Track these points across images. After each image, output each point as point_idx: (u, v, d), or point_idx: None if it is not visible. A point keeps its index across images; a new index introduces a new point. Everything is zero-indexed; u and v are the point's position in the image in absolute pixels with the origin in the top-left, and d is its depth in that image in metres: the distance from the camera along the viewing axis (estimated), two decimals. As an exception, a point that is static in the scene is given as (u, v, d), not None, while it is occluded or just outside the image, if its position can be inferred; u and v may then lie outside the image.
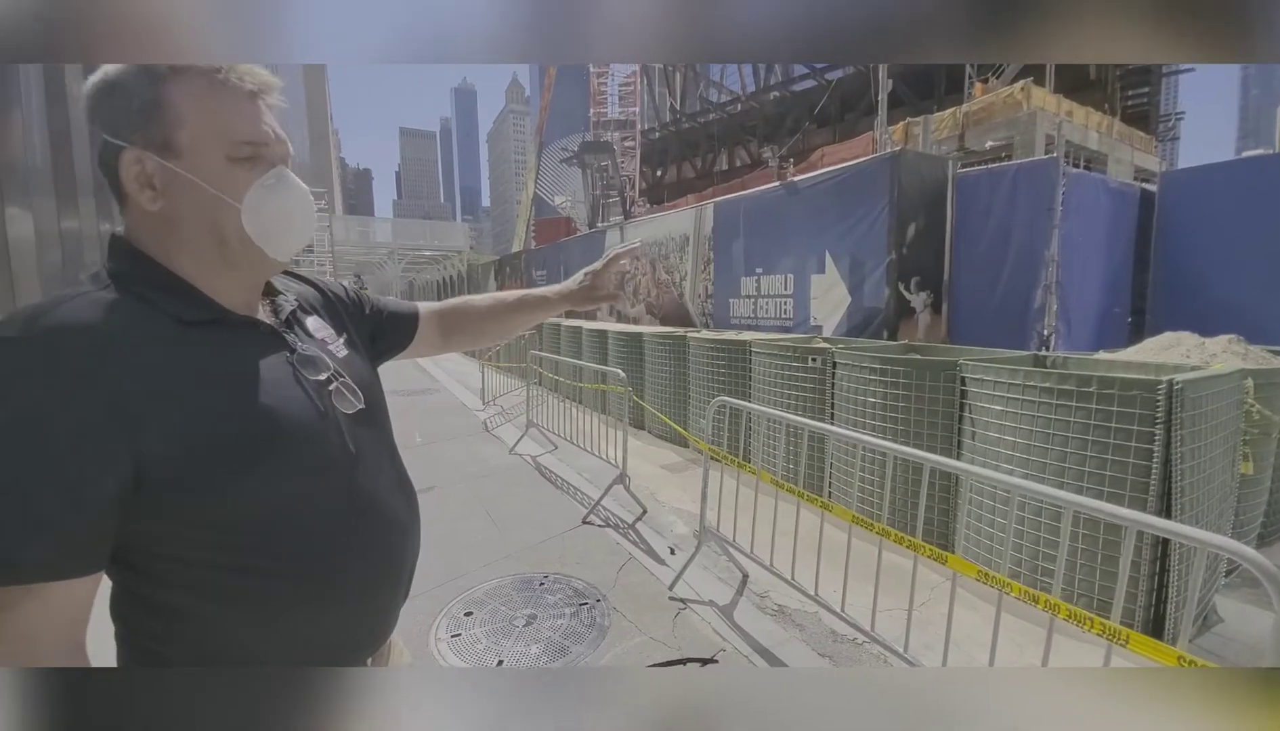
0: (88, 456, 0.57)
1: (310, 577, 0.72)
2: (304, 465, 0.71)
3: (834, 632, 2.55)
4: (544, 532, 3.65)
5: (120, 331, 0.62)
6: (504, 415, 7.23)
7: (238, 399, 0.68)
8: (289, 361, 0.75)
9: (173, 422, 0.62)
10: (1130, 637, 1.40)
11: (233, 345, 0.71)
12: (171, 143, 0.67)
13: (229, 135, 0.68)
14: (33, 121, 3.80)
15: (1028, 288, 5.91)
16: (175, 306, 0.67)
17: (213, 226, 0.69)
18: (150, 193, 0.67)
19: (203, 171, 0.68)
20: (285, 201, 0.73)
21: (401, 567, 0.83)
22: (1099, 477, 2.51)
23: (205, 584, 0.66)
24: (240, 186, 0.69)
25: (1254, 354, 3.52)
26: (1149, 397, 2.39)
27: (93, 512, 0.58)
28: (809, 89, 23.32)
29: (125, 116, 0.66)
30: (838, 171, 6.77)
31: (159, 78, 0.66)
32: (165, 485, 0.61)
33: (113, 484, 0.58)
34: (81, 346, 0.59)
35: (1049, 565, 2.60)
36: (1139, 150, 15.49)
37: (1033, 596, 1.64)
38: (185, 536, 0.64)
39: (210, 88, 0.68)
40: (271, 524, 0.68)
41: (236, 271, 0.73)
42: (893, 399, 3.46)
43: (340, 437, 0.76)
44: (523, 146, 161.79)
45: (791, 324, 7.21)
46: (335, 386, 0.79)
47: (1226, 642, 2.48)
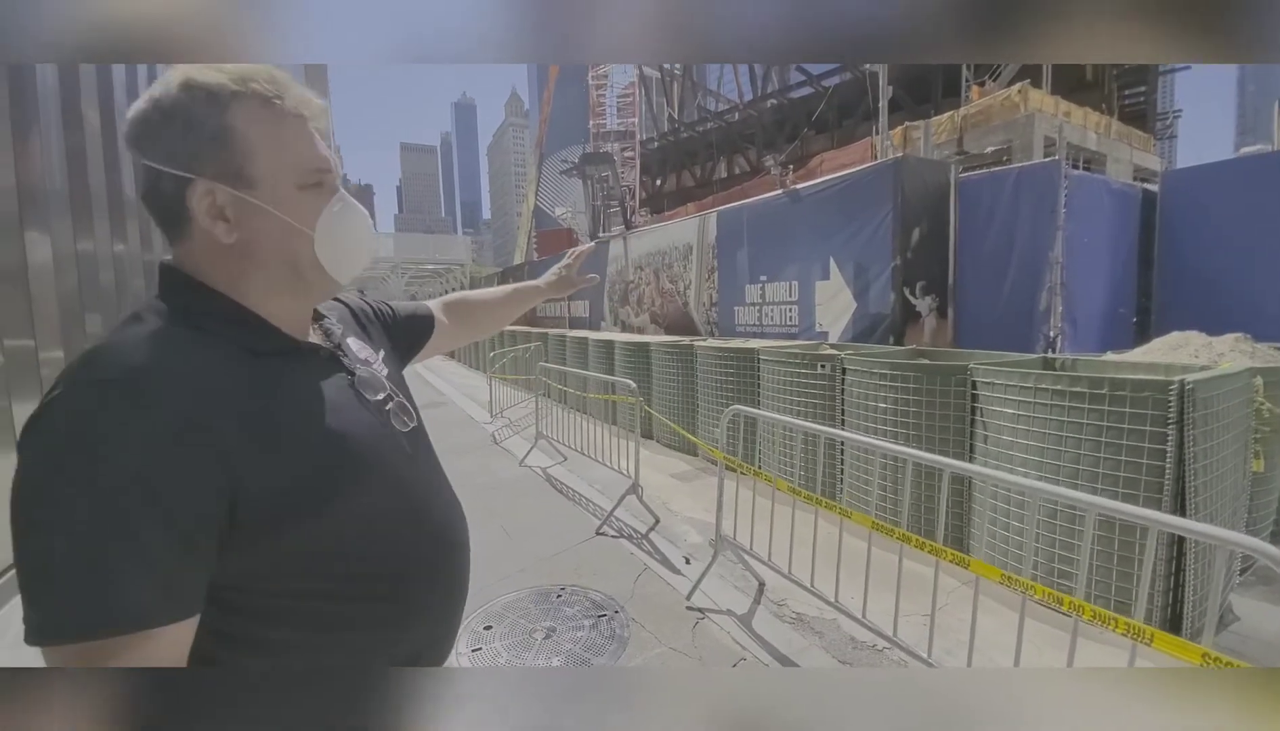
0: (192, 497, 0.57)
1: (392, 598, 0.73)
2: (378, 487, 0.72)
3: (853, 639, 2.56)
4: (558, 544, 3.67)
5: (204, 368, 0.62)
6: (512, 427, 7.26)
7: (318, 427, 0.69)
8: (351, 385, 0.77)
9: (263, 456, 0.62)
10: (1155, 636, 1.42)
11: (302, 373, 0.72)
12: (245, 173, 0.66)
13: (298, 163, 0.69)
14: (51, 142, 3.86)
15: (1032, 290, 5.94)
16: (246, 338, 0.68)
17: (287, 255, 0.70)
18: (224, 224, 0.67)
19: (276, 201, 0.68)
20: (353, 225, 0.74)
21: (465, 580, 0.86)
22: (1113, 479, 2.53)
23: (292, 613, 0.66)
24: (310, 213, 0.70)
25: (1261, 351, 3.54)
26: (1161, 398, 2.41)
27: (200, 554, 0.58)
28: (806, 96, 23.46)
29: (192, 147, 0.64)
30: (841, 178, 6.82)
31: (223, 107, 0.65)
32: (258, 519, 0.61)
33: (214, 523, 0.58)
34: (173, 386, 0.58)
35: (1066, 567, 2.61)
36: (1138, 149, 15.54)
37: (1056, 598, 1.66)
38: (274, 568, 0.64)
39: (273, 116, 0.68)
40: (353, 549, 0.69)
41: (303, 298, 0.75)
42: (904, 404, 3.48)
43: (404, 456, 0.78)
44: (522, 159, 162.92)
45: (797, 330, 7.24)
46: (391, 406, 0.81)
47: (1244, 640, 2.48)
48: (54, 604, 0.52)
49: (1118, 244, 6.73)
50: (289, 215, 0.69)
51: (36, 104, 3.66)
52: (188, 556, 0.57)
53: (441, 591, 0.80)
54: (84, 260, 4.29)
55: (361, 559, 0.70)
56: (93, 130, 4.56)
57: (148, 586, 0.54)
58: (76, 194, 4.16)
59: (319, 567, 0.66)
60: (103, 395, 0.55)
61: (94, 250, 4.47)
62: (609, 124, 29.07)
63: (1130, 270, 6.93)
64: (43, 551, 0.53)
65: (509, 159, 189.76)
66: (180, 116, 0.64)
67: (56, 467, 0.53)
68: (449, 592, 0.82)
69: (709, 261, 8.91)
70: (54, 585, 0.52)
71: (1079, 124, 13.80)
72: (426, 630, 0.78)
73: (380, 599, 0.71)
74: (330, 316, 0.85)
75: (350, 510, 0.68)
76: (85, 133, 4.33)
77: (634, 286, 11.14)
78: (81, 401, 0.55)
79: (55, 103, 3.79)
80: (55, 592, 0.52)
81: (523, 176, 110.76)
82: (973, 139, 13.54)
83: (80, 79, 4.00)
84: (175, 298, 0.67)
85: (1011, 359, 3.66)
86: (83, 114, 4.27)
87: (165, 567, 0.55)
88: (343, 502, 0.67)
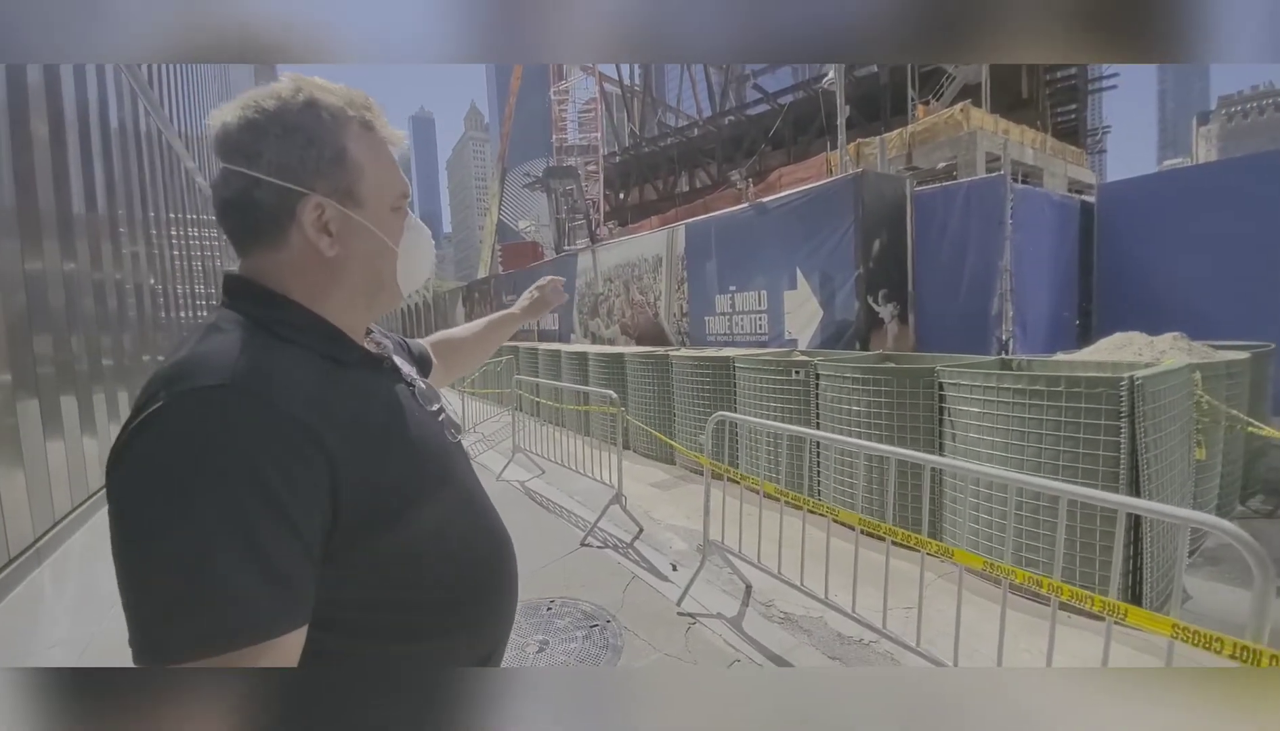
0: (310, 502, 0.57)
1: (471, 603, 0.75)
2: (450, 495, 0.75)
3: (840, 635, 2.64)
4: (544, 557, 3.65)
5: (304, 373, 0.63)
6: (486, 442, 7.17)
7: (401, 433, 0.71)
8: (414, 395, 0.80)
9: (361, 462, 0.62)
10: (1129, 612, 1.53)
11: (378, 384, 0.74)
12: (355, 192, 0.69)
13: (392, 186, 0.74)
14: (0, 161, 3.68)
15: (985, 296, 6.26)
16: (328, 347, 0.69)
17: (374, 270, 0.74)
18: (328, 238, 0.68)
19: (377, 220, 0.72)
20: (423, 243, 0.80)
21: (516, 583, 0.87)
22: (1073, 469, 2.70)
23: (383, 626, 0.66)
24: (396, 232, 0.75)
25: (1197, 349, 3.83)
26: (1113, 393, 2.60)
27: (316, 560, 0.58)
28: (762, 113, 24.17)
29: (309, 163, 0.66)
30: (805, 192, 7.06)
31: (341, 127, 0.68)
32: (352, 525, 0.61)
33: (323, 529, 0.58)
34: (283, 390, 0.59)
35: (1032, 555, 2.76)
36: (1072, 163, 16.55)
37: (1036, 580, 1.77)
38: (352, 577, 0.63)
39: (374, 140, 0.72)
40: (430, 556, 0.70)
41: (373, 311, 0.78)
42: (875, 406, 3.63)
43: (462, 465, 0.81)
44: (483, 172, 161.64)
45: (767, 338, 7.42)
46: (443, 417, 0.84)
47: (1199, 618, 2.65)
48: (177, 621, 0.50)
49: (1060, 252, 7.17)
50: (383, 233, 0.73)
51: None
52: (306, 563, 0.56)
53: (506, 595, 0.82)
54: (32, 280, 4.07)
55: (433, 565, 0.70)
56: (41, 145, 4.35)
57: (271, 597, 0.53)
58: (25, 212, 3.96)
59: (398, 575, 0.66)
60: (216, 401, 0.54)
61: (42, 270, 4.25)
62: (571, 138, 29.21)
63: (1072, 276, 7.38)
64: (159, 565, 0.51)
65: (469, 172, 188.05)
66: (303, 132, 0.66)
67: (174, 480, 0.51)
68: (509, 596, 0.84)
69: (679, 273, 9.04)
70: (175, 602, 0.50)
71: (1017, 140, 14.64)
72: (493, 634, 0.80)
73: (453, 606, 0.73)
74: (376, 332, 0.87)
75: (429, 517, 0.70)
76: (34, 149, 4.13)
77: (604, 299, 11.19)
78: (193, 410, 0.54)
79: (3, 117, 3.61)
80: (177, 609, 0.50)
81: (484, 190, 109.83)
82: (921, 155, 14.20)
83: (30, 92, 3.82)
84: (254, 308, 0.67)
85: (973, 361, 3.85)
86: (31, 130, 4.08)
87: (286, 576, 0.54)
88: (423, 508, 0.69)
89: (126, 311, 6.83)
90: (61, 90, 4.66)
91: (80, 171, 5.01)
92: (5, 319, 3.75)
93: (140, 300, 7.67)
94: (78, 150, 4.96)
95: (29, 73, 3.76)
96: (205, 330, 0.63)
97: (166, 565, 0.51)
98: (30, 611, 3.51)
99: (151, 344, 7.55)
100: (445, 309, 23.57)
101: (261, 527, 0.53)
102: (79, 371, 4.94)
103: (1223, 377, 3.49)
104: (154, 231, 8.39)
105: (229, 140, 0.65)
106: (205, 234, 12.42)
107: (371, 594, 0.65)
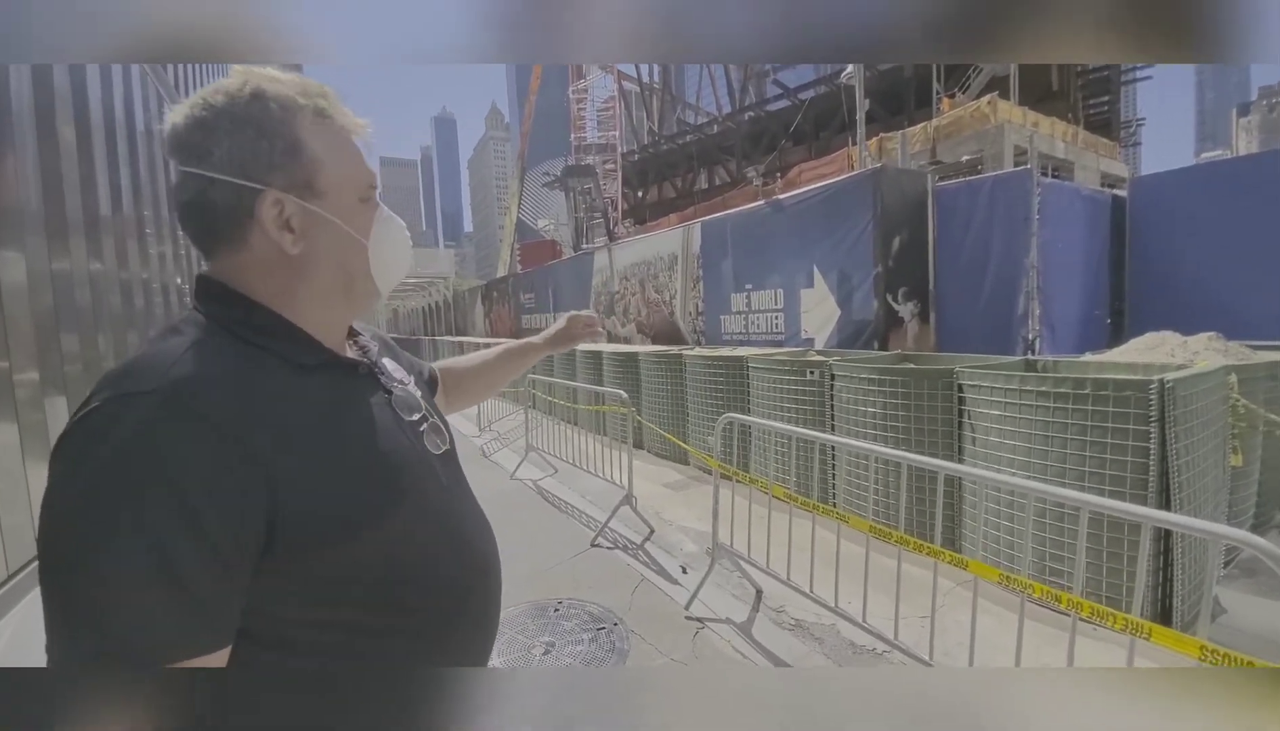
0: (234, 521, 0.53)
1: (432, 625, 0.70)
2: (412, 511, 0.69)
3: (853, 644, 2.57)
4: (553, 557, 3.64)
5: (248, 381, 0.60)
6: (501, 440, 7.20)
7: (359, 446, 0.67)
8: (389, 404, 0.75)
9: (306, 475, 0.59)
10: (1153, 631, 1.45)
11: (343, 389, 0.70)
12: (314, 185, 0.66)
13: (356, 176, 0.71)
14: (26, 160, 3.77)
15: (1010, 294, 6.08)
16: (291, 351, 0.66)
17: (344, 266, 0.70)
18: (290, 235, 0.65)
19: (341, 212, 0.69)
20: (397, 236, 0.76)
21: (496, 607, 0.83)
22: (1099, 476, 2.58)
23: (314, 643, 0.62)
24: (365, 225, 0.71)
25: (1233, 350, 3.66)
26: (1142, 397, 2.48)
27: (237, 580, 0.54)
28: (783, 108, 23.91)
29: (262, 158, 0.63)
30: (822, 188, 6.94)
31: (293, 117, 0.65)
32: (294, 541, 0.57)
33: (253, 547, 0.55)
34: (216, 399, 0.56)
35: (1056, 565, 2.66)
36: (1104, 156, 16.06)
37: (1055, 595, 1.69)
38: (299, 595, 0.60)
39: (330, 129, 0.68)
40: (382, 575, 0.65)
41: (349, 310, 0.75)
42: (892, 408, 3.53)
43: (436, 480, 0.75)
44: (504, 172, 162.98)
45: (783, 338, 7.32)
46: (426, 427, 0.78)
47: (1234, 634, 2.54)
48: (79, 636, 0.49)
49: (1090, 248, 6.94)
50: (350, 226, 0.70)
51: (10, 119, 3.58)
52: (226, 584, 0.53)
53: (472, 619, 0.77)
54: (59, 279, 4.18)
55: (390, 586, 0.66)
56: (68, 146, 4.46)
57: (183, 618, 0.51)
58: (51, 212, 4.06)
59: (346, 595, 0.62)
60: (142, 409, 0.52)
61: (69, 269, 4.36)
62: (590, 137, 29.27)
63: (1103, 274, 7.13)
64: (70, 578, 0.49)
65: (490, 172, 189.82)
66: (252, 126, 0.63)
67: (90, 487, 0.50)
68: (480, 620, 0.79)
69: (694, 271, 8.98)
70: (79, 616, 0.49)
71: (1047, 133, 14.24)
72: (462, 655, 0.75)
73: (407, 629, 0.68)
74: (365, 334, 0.84)
75: (384, 534, 0.65)
76: (60, 148, 4.24)
77: (619, 297, 11.18)
78: (119, 415, 0.52)
79: (30, 118, 3.71)
80: (80, 623, 0.49)
81: (504, 189, 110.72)
82: (945, 149, 13.90)
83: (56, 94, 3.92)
84: (218, 309, 0.65)
85: (995, 362, 3.73)
86: (57, 130, 4.18)
87: (202, 598, 0.51)
88: (378, 526, 0.64)
89: (152, 310, 7.02)
90: (88, 94, 4.78)
91: (106, 173, 5.16)
92: (34, 318, 3.84)
93: (166, 299, 7.89)
94: (104, 152, 5.10)
95: (56, 77, 3.86)
96: (164, 332, 0.61)
97: (70, 574, 0.49)
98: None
99: (178, 342, 7.73)
100: (465, 307, 23.77)
101: (172, 544, 0.50)
102: (105, 369, 5.07)
103: (1261, 380, 3.32)
104: (178, 231, 8.61)
105: (179, 140, 0.63)
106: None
107: (316, 613, 0.61)
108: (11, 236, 3.43)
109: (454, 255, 39.91)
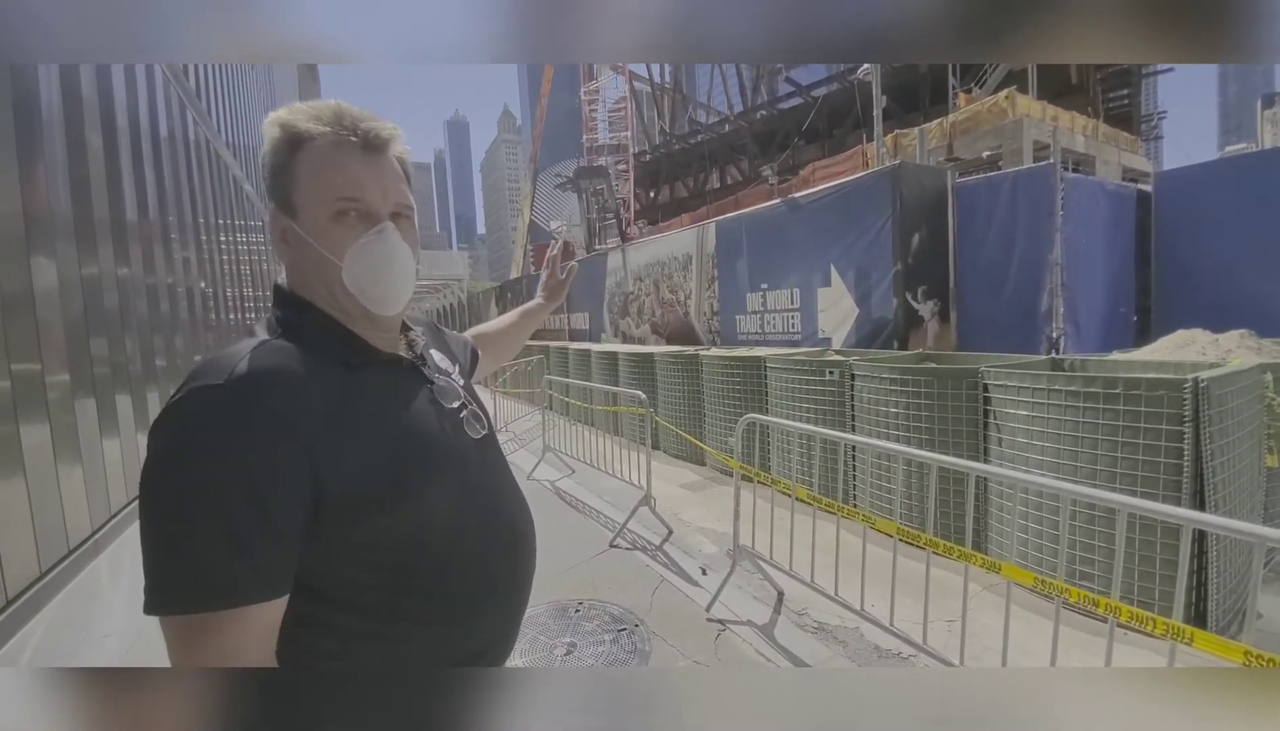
0: (281, 489, 0.63)
1: (462, 595, 0.77)
2: (444, 490, 0.77)
3: (878, 647, 2.54)
4: (572, 558, 3.64)
5: (296, 375, 0.69)
6: (518, 441, 7.23)
7: (393, 432, 0.74)
8: (430, 394, 0.82)
9: (343, 455, 0.68)
10: (1195, 636, 1.41)
11: (386, 383, 0.78)
12: (290, 202, 0.74)
13: (330, 192, 0.73)
14: (56, 168, 3.87)
15: (1034, 292, 5.98)
16: (337, 352, 0.75)
17: (324, 281, 0.76)
18: (285, 247, 0.76)
19: (313, 229, 0.73)
20: (374, 259, 0.74)
21: (529, 581, 0.91)
22: (1131, 477, 2.53)
23: (357, 602, 0.71)
24: (342, 243, 0.73)
25: (1266, 347, 3.57)
26: (1175, 396, 2.42)
27: (287, 540, 0.64)
28: (796, 106, 23.72)
29: (271, 177, 0.75)
30: (839, 186, 6.88)
31: (290, 141, 0.73)
32: (335, 511, 0.67)
33: (301, 513, 0.65)
34: (267, 391, 0.65)
35: (1087, 568, 2.60)
36: (1125, 150, 15.74)
37: (1092, 600, 1.65)
38: (345, 558, 0.69)
39: (318, 147, 0.72)
40: (413, 545, 0.73)
41: (367, 315, 0.78)
42: (914, 408, 3.49)
43: (474, 461, 0.83)
44: (516, 174, 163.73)
45: (799, 337, 7.26)
46: (465, 414, 0.86)
47: (1270, 638, 2.47)
48: (162, 581, 0.60)
49: (1115, 244, 6.80)
50: (322, 244, 0.74)
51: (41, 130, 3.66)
52: (277, 542, 0.63)
53: (502, 594, 0.83)
54: (88, 285, 4.27)
55: (419, 556, 0.74)
56: (95, 153, 4.56)
57: (239, 569, 0.61)
58: (80, 219, 4.15)
59: (381, 560, 0.71)
60: (208, 399, 0.63)
61: (98, 274, 4.46)
62: (601, 138, 29.33)
63: (1128, 270, 6.99)
64: (156, 534, 0.61)
65: (503, 174, 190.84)
66: (269, 152, 0.74)
67: (169, 461, 0.62)
68: (508, 596, 0.85)
69: (709, 271, 8.94)
70: (162, 565, 0.60)
71: (1066, 127, 13.98)
72: (484, 630, 0.81)
73: (436, 595, 0.75)
74: (417, 329, 0.92)
75: (416, 509, 0.73)
76: (89, 157, 4.33)
77: (634, 298, 11.17)
78: (190, 404, 0.63)
79: (60, 128, 3.79)
80: (163, 572, 0.60)
81: (517, 191, 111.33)
82: (963, 145, 13.70)
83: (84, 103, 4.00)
84: (279, 312, 0.76)
85: (1022, 361, 3.67)
86: (85, 139, 4.27)
87: (255, 552, 0.61)
88: (409, 501, 0.72)
89: (179, 314, 7.12)
90: (114, 100, 4.86)
91: (132, 179, 5.24)
92: (64, 322, 3.93)
93: (191, 303, 7.99)
94: (130, 158, 5.17)
95: (82, 84, 3.92)
96: (242, 334, 0.73)
97: (157, 534, 0.61)
98: (88, 601, 3.68)
99: (202, 345, 7.85)
100: (480, 308, 23.95)
101: (235, 509, 0.60)
102: (133, 372, 5.16)
103: (1298, 379, 3.23)
104: (204, 237, 8.73)
105: None
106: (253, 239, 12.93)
107: (355, 574, 0.70)
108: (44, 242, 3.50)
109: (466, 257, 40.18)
